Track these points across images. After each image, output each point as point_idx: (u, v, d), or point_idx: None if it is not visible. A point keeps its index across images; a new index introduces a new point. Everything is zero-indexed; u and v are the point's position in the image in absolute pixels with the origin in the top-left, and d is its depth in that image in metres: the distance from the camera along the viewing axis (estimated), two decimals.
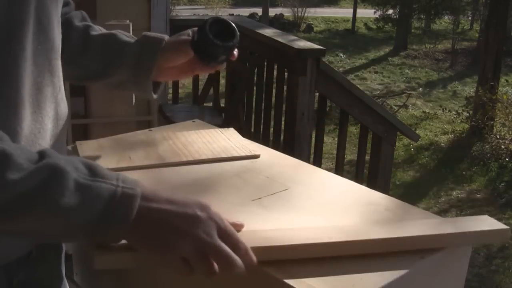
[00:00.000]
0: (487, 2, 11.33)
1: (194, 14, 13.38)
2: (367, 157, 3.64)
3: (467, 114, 9.57)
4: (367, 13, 19.35)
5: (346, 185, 0.99)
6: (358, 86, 3.73)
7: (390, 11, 17.09)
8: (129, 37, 1.03)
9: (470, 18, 18.95)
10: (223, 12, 18.79)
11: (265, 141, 3.39)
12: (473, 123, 8.96)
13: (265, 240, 0.74)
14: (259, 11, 19.47)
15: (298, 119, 2.98)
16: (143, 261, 0.73)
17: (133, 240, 0.68)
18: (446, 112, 10.32)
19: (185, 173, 1.00)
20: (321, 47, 3.06)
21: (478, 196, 7.01)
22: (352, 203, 0.91)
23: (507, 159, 7.78)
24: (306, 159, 3.11)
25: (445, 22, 18.85)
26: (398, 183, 7.31)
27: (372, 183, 3.45)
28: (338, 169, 3.41)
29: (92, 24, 1.04)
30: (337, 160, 3.48)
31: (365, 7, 19.79)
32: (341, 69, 13.66)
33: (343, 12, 21.79)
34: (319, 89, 3.06)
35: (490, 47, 8.93)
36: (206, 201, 0.70)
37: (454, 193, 7.06)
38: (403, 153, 8.43)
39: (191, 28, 1.01)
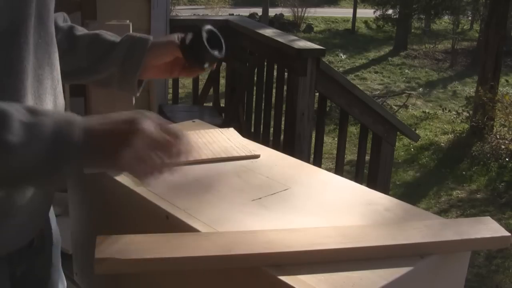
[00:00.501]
0: (487, 2, 11.33)
1: (194, 14, 13.37)
2: (367, 157, 3.64)
3: (467, 114, 9.57)
4: (367, 13, 19.35)
5: (346, 185, 0.99)
6: (358, 86, 3.73)
7: (390, 11, 17.09)
8: (113, 36, 1.05)
9: (470, 18, 18.94)
10: (223, 12, 18.79)
11: (265, 141, 3.39)
12: (473, 123, 8.95)
13: (265, 246, 0.74)
14: (259, 11, 19.47)
15: (298, 119, 2.98)
16: (144, 268, 0.73)
17: (86, 162, 0.73)
18: (446, 112, 10.31)
19: (185, 173, 1.00)
20: (321, 47, 3.06)
21: (478, 196, 7.01)
22: (352, 203, 0.91)
23: (507, 159, 7.78)
24: (306, 159, 3.11)
25: (445, 22, 18.85)
26: (398, 183, 7.31)
27: (372, 183, 3.45)
28: (338, 169, 3.41)
29: (75, 25, 1.07)
30: (337, 160, 3.48)
31: (365, 7, 19.79)
32: (341, 69, 13.66)
33: (343, 12, 21.78)
34: (319, 89, 3.06)
35: (490, 47, 8.93)
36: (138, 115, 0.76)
37: (454, 193, 7.06)
38: (403, 153, 8.43)
39: (191, 28, 1.03)
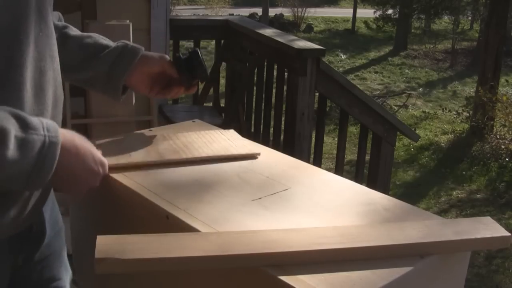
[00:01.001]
0: (487, 2, 11.33)
1: (194, 14, 13.38)
2: (367, 157, 3.64)
3: (467, 114, 9.56)
4: (367, 13, 19.34)
5: (346, 185, 0.99)
6: (358, 86, 3.72)
7: (390, 11, 17.09)
8: (107, 40, 1.09)
9: (470, 18, 18.93)
10: (223, 12, 18.78)
11: (265, 141, 3.39)
12: (473, 123, 8.95)
13: (265, 246, 0.74)
14: (259, 11, 19.46)
15: (298, 119, 2.98)
16: (144, 268, 0.73)
17: (52, 181, 0.80)
18: (446, 112, 10.31)
19: (185, 173, 1.00)
20: (321, 47, 3.06)
21: (478, 196, 7.00)
22: (352, 203, 0.91)
23: (507, 159, 7.78)
24: (306, 159, 3.11)
25: (445, 22, 18.84)
26: (398, 183, 7.30)
27: (372, 183, 3.45)
28: (338, 169, 3.41)
29: (69, 25, 1.10)
30: (337, 160, 3.48)
31: (365, 7, 19.78)
32: (341, 69, 13.66)
33: (343, 12, 21.77)
34: (319, 89, 3.06)
35: (490, 47, 8.92)
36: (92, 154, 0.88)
37: (454, 193, 7.05)
38: (403, 153, 8.43)
39: (191, 28, 1.07)
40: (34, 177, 0.75)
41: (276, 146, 3.23)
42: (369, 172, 3.54)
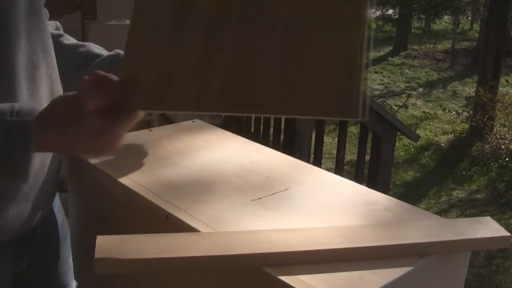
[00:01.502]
0: (487, 2, 11.33)
1: None
2: (367, 157, 3.64)
3: (467, 114, 9.56)
4: None
5: (346, 185, 0.99)
6: None
7: (390, 11, 17.08)
8: (100, 49, 1.06)
9: (470, 18, 18.93)
10: None
11: (265, 141, 3.38)
12: (473, 123, 8.95)
13: (265, 246, 0.74)
14: None
15: (298, 119, 2.98)
16: (144, 268, 0.73)
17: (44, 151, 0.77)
18: (446, 112, 10.31)
19: (185, 173, 1.00)
20: None
21: (478, 196, 7.00)
22: (352, 203, 0.91)
23: (507, 159, 7.78)
24: (306, 159, 3.10)
25: (445, 22, 18.83)
26: (398, 183, 7.30)
27: (372, 183, 3.44)
28: (338, 169, 3.41)
29: (65, 34, 1.08)
30: (337, 160, 3.48)
31: None
32: None
33: None
34: None
35: (490, 47, 8.92)
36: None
37: (454, 193, 7.05)
38: (403, 153, 8.42)
39: None
40: (8, 164, 0.70)
41: (276, 146, 3.23)
42: (369, 172, 3.54)
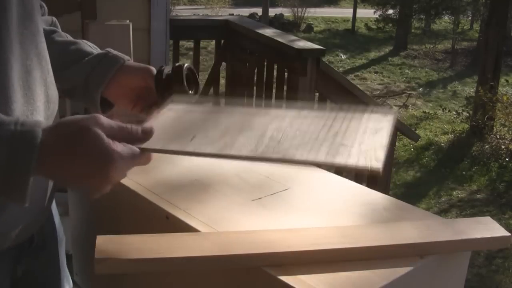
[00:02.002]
0: (487, 2, 11.33)
1: (194, 14, 13.38)
2: None
3: (467, 114, 9.57)
4: (367, 13, 19.33)
5: (346, 185, 0.99)
6: (358, 86, 3.72)
7: (390, 11, 17.09)
8: (92, 47, 1.01)
9: (470, 18, 18.93)
10: (223, 12, 18.78)
11: None
12: (473, 123, 8.95)
13: (265, 246, 0.74)
14: (259, 11, 19.45)
15: None
16: (144, 268, 0.73)
17: (43, 176, 0.69)
18: (446, 112, 10.31)
19: (185, 173, 1.00)
20: (321, 47, 3.06)
21: (478, 196, 7.01)
22: (352, 203, 0.91)
23: (507, 159, 7.78)
24: None
25: (445, 22, 18.84)
26: (398, 183, 7.30)
27: (372, 183, 3.44)
28: (338, 169, 3.41)
29: (59, 31, 1.04)
30: None
31: (365, 7, 19.77)
32: (341, 69, 13.66)
33: (343, 12, 21.77)
34: (319, 89, 3.06)
35: (490, 47, 8.93)
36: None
37: (454, 193, 7.06)
38: (403, 153, 8.43)
39: (191, 28, 1.02)
40: (9, 175, 0.65)
41: None
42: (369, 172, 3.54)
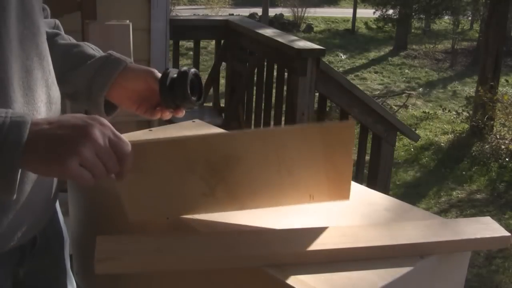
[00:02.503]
0: (487, 2, 11.33)
1: (194, 14, 13.38)
2: (367, 157, 3.64)
3: (467, 114, 9.57)
4: (367, 13, 19.34)
5: None
6: (358, 86, 3.73)
7: (390, 11, 17.09)
8: (95, 50, 1.00)
9: (470, 18, 18.93)
10: (223, 12, 18.79)
11: None
12: (473, 123, 8.95)
13: (265, 246, 0.74)
14: (259, 11, 19.45)
15: (298, 119, 2.98)
16: (144, 268, 0.73)
17: (31, 165, 0.68)
18: (446, 112, 10.31)
19: None
20: (321, 47, 3.06)
21: (478, 196, 7.01)
22: (352, 203, 0.91)
23: (507, 159, 7.78)
24: None
25: (445, 22, 18.84)
26: (398, 183, 7.31)
27: (372, 183, 3.44)
28: None
29: (62, 33, 1.03)
30: None
31: (365, 7, 19.78)
32: (341, 69, 13.66)
33: (343, 12, 21.77)
34: (319, 89, 3.06)
35: (490, 47, 8.93)
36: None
37: (454, 193, 7.06)
38: (403, 153, 8.43)
39: (191, 28, 1.02)
40: None
41: None
42: (369, 172, 3.54)
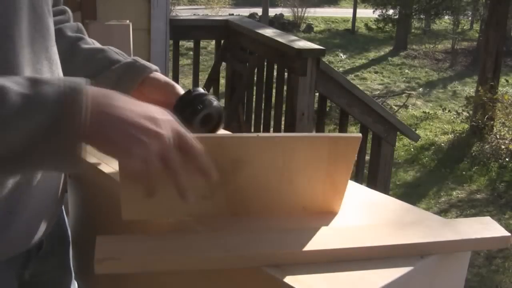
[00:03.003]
0: (487, 2, 11.33)
1: (194, 14, 13.38)
2: (367, 157, 3.64)
3: (467, 114, 9.57)
4: (367, 13, 19.34)
5: None
6: (358, 86, 3.73)
7: (390, 11, 17.09)
8: (119, 55, 0.99)
9: (470, 18, 18.94)
10: (223, 12, 18.79)
11: None
12: (473, 123, 8.96)
13: (265, 246, 0.74)
14: (259, 11, 19.46)
15: (298, 119, 2.98)
16: (144, 268, 0.73)
17: (92, 144, 0.66)
18: (446, 112, 10.32)
19: None
20: (321, 47, 3.06)
21: (478, 196, 7.01)
22: (352, 203, 0.91)
23: (507, 159, 7.78)
24: None
25: (445, 22, 18.85)
26: (398, 183, 7.31)
27: (372, 183, 3.45)
28: None
29: (86, 37, 1.02)
30: None
31: (365, 7, 19.79)
32: (341, 69, 13.66)
33: (343, 12, 21.78)
34: (319, 89, 3.06)
35: (490, 47, 8.93)
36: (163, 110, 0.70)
37: (454, 193, 7.06)
38: (403, 153, 8.43)
39: (191, 28, 1.01)
40: (53, 137, 0.63)
41: None
42: (369, 172, 3.54)
